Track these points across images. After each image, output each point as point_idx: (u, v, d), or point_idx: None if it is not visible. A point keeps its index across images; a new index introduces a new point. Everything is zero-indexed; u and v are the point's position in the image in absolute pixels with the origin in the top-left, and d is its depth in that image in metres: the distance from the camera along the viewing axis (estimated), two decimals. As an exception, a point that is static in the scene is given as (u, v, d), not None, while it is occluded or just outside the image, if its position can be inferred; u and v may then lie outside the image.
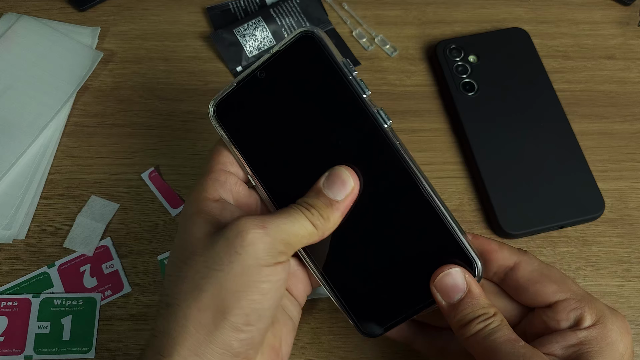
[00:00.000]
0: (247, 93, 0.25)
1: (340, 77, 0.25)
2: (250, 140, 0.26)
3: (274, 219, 0.23)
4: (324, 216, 0.24)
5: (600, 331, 0.23)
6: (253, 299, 0.22)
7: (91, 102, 0.44)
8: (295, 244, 0.24)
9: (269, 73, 0.25)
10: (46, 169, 0.41)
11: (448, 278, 0.24)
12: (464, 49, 0.45)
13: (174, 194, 0.40)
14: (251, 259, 0.22)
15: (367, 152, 0.25)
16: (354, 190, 0.25)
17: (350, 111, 0.25)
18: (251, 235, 0.22)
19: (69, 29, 0.46)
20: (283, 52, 0.25)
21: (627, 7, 0.50)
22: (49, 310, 0.36)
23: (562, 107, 0.43)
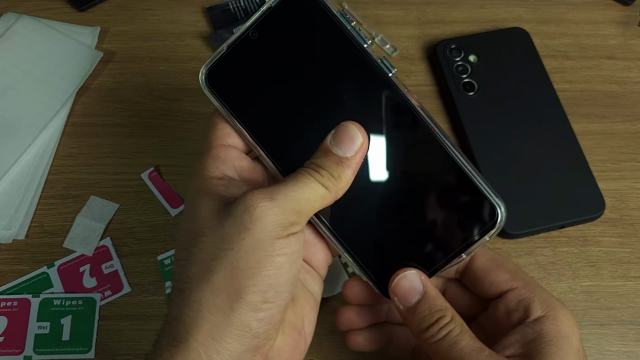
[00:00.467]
0: (240, 56, 0.23)
1: (339, 28, 0.23)
2: (248, 106, 0.24)
3: (282, 188, 0.22)
4: (335, 175, 0.23)
5: (554, 323, 0.23)
6: (268, 274, 0.21)
7: (91, 102, 0.44)
8: (308, 211, 0.23)
9: (262, 32, 0.23)
10: (46, 169, 0.41)
11: (404, 281, 0.24)
12: (464, 49, 0.45)
13: (173, 194, 0.40)
14: (261, 232, 0.21)
15: (374, 104, 0.24)
16: (363, 145, 0.23)
17: (352, 63, 0.23)
18: (259, 208, 0.21)
19: (69, 29, 0.46)
20: (275, 9, 0.23)
21: (627, 7, 0.50)
22: (49, 310, 0.36)
23: (562, 107, 0.43)
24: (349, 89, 0.24)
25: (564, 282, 0.38)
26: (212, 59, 0.24)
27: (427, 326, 0.23)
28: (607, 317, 0.37)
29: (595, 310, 0.37)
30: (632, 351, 0.36)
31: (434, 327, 0.23)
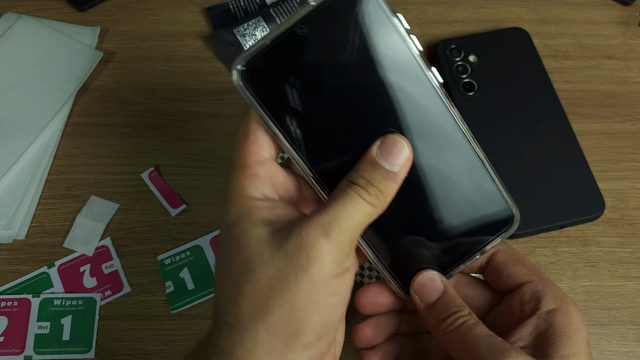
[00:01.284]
0: (283, 53, 0.21)
1: (394, 32, 0.22)
2: (288, 109, 0.22)
3: (334, 219, 0.21)
4: (383, 191, 0.22)
5: (566, 316, 0.24)
6: (323, 314, 0.21)
7: (91, 102, 0.44)
8: (359, 235, 0.23)
9: (311, 28, 0.21)
10: (46, 169, 0.41)
11: (426, 280, 0.25)
12: (464, 49, 0.45)
13: (173, 194, 0.40)
14: (319, 273, 0.20)
15: (420, 114, 0.23)
16: (409, 160, 0.23)
17: (403, 70, 0.22)
18: (317, 248, 0.20)
19: (69, 29, 0.46)
20: (328, 3, 0.21)
21: (628, 7, 0.50)
22: (49, 310, 0.36)
23: (563, 107, 0.43)
24: (396, 96, 0.22)
25: (564, 282, 0.38)
26: (250, 53, 0.21)
27: (445, 317, 0.24)
28: (607, 317, 0.37)
29: (596, 310, 0.37)
30: (633, 351, 0.36)
31: (451, 318, 0.24)
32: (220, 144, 0.43)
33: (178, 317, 0.37)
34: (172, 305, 0.37)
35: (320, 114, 0.22)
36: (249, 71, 0.21)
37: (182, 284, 0.37)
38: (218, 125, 0.44)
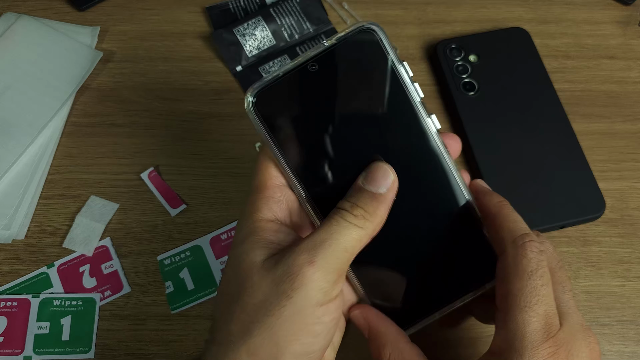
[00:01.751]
0: (293, 85, 0.23)
1: (397, 78, 0.23)
2: (292, 139, 0.24)
3: (320, 246, 0.22)
4: (370, 211, 0.22)
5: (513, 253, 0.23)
6: (304, 342, 0.21)
7: (91, 102, 0.44)
8: (347, 262, 0.22)
9: (322, 65, 0.23)
10: (45, 169, 0.41)
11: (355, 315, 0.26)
12: (465, 49, 0.45)
13: (173, 194, 0.40)
14: (303, 300, 0.21)
15: (416, 158, 0.24)
16: (394, 183, 0.23)
17: (403, 114, 0.24)
18: (300, 276, 0.21)
19: (69, 29, 0.46)
20: (339, 45, 0.23)
21: (628, 7, 0.50)
22: (49, 310, 0.36)
23: (563, 107, 0.43)
24: (394, 139, 0.24)
25: (564, 282, 0.38)
26: (263, 83, 0.23)
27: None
28: (607, 317, 0.37)
29: (596, 311, 0.37)
30: (633, 351, 0.36)
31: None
32: (220, 143, 0.43)
33: (178, 317, 0.37)
34: (172, 305, 0.37)
35: (319, 145, 0.24)
36: (260, 98, 0.23)
37: (182, 284, 0.37)
38: (218, 125, 0.44)
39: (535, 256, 0.23)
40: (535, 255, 0.23)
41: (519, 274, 0.22)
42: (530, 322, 0.21)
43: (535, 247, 0.23)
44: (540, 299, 0.22)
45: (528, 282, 0.22)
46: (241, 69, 0.46)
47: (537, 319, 0.21)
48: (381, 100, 0.23)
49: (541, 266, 0.22)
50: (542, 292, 0.22)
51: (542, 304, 0.22)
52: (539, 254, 0.23)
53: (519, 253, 0.23)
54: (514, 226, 0.24)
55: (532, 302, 0.22)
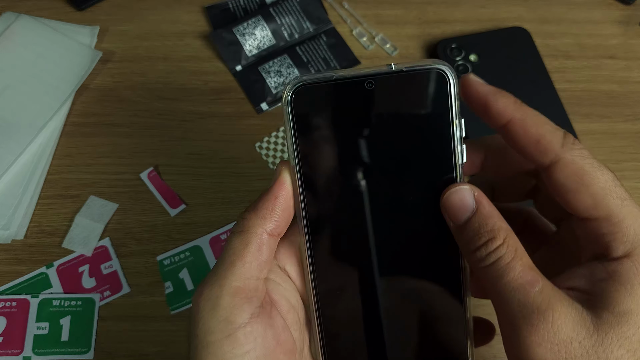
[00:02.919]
0: (340, 94, 0.21)
1: (448, 132, 0.22)
2: (313, 142, 0.22)
3: (215, 267, 0.20)
4: (244, 216, 0.21)
5: (634, 266, 0.19)
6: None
7: (90, 102, 0.44)
8: (242, 275, 0.20)
9: (379, 87, 0.21)
10: (45, 169, 0.41)
11: (455, 196, 0.20)
12: (465, 48, 0.45)
13: (173, 194, 0.40)
14: (204, 336, 0.19)
15: (427, 223, 0.22)
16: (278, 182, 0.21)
17: (438, 172, 0.22)
18: (195, 309, 0.19)
19: (68, 29, 0.46)
20: (405, 75, 0.21)
21: (628, 7, 0.50)
22: (48, 310, 0.36)
23: (564, 107, 0.43)
24: (417, 193, 0.22)
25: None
26: (311, 78, 0.21)
27: (476, 248, 0.20)
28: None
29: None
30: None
31: (482, 250, 0.19)
32: (219, 143, 0.43)
33: (177, 317, 0.37)
34: (172, 305, 0.37)
35: (341, 164, 0.22)
36: (302, 93, 0.21)
37: (181, 284, 0.37)
38: (217, 124, 0.44)
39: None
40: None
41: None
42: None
43: None
44: None
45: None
46: (241, 68, 0.46)
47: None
48: (422, 148, 0.22)
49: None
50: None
51: None
52: None
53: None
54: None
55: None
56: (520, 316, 0.18)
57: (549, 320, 0.18)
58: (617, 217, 0.19)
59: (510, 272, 0.19)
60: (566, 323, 0.18)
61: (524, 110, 0.22)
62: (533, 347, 0.18)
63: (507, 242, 0.19)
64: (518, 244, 0.19)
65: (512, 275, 0.19)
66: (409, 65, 0.21)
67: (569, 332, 0.18)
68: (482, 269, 0.19)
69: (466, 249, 0.20)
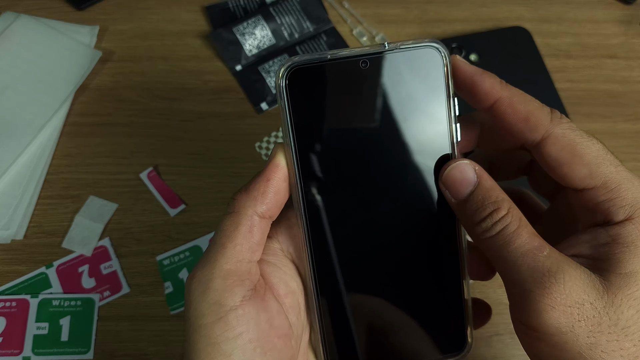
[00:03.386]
0: (335, 74, 0.21)
1: (443, 112, 0.22)
2: (311, 125, 0.21)
3: (206, 251, 0.20)
4: (236, 197, 0.20)
5: (635, 228, 0.19)
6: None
7: (90, 102, 0.44)
8: (232, 257, 0.20)
9: (373, 66, 0.21)
10: (44, 169, 0.41)
11: (456, 171, 0.20)
12: (465, 48, 0.45)
13: (172, 194, 0.40)
14: (196, 320, 0.19)
15: (423, 205, 0.22)
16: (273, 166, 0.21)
17: (431, 150, 0.22)
18: (186, 290, 0.19)
19: (68, 28, 0.46)
20: (399, 53, 0.21)
21: (629, 6, 0.50)
22: (48, 310, 0.36)
23: (564, 107, 0.43)
24: (414, 166, 0.22)
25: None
26: (304, 60, 0.21)
27: (480, 220, 0.19)
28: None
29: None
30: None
31: (487, 221, 0.19)
32: (219, 143, 0.43)
33: (177, 317, 0.36)
34: (171, 305, 0.37)
35: (337, 146, 0.22)
36: (296, 75, 0.21)
37: (181, 284, 0.37)
38: (217, 124, 0.43)
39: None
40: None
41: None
42: None
43: None
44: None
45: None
46: (241, 68, 0.46)
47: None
48: (418, 126, 0.22)
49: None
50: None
51: None
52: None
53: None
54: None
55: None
56: (531, 280, 0.18)
57: (561, 282, 0.18)
58: (614, 183, 0.20)
59: (517, 239, 0.19)
60: (577, 284, 0.18)
61: (510, 89, 0.22)
62: (547, 310, 0.18)
63: (511, 211, 0.19)
64: (521, 214, 0.19)
65: (520, 241, 0.19)
66: (402, 43, 0.21)
67: (580, 294, 0.17)
68: (488, 239, 0.19)
69: (470, 222, 0.20)
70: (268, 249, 0.22)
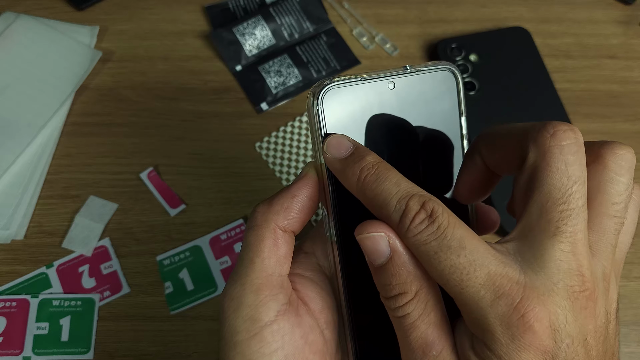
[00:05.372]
0: (365, 95, 0.23)
1: (457, 129, 0.24)
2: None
3: (236, 267, 0.20)
4: (257, 210, 0.20)
5: (545, 165, 0.18)
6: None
7: (90, 102, 0.44)
8: (266, 269, 0.20)
9: (399, 87, 0.23)
10: (44, 169, 0.41)
11: (368, 242, 0.19)
12: (465, 48, 0.45)
13: (172, 194, 0.40)
14: (229, 337, 0.19)
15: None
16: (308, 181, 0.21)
17: (447, 167, 0.24)
18: (222, 309, 0.19)
19: (68, 28, 0.46)
20: (419, 75, 0.23)
21: (629, 7, 0.50)
22: (48, 310, 0.36)
23: (564, 107, 0.43)
24: (432, 179, 0.24)
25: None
26: (337, 81, 0.22)
27: (387, 297, 0.19)
28: (608, 318, 0.37)
29: (597, 311, 0.37)
30: (635, 352, 0.36)
31: (392, 302, 0.19)
32: (219, 143, 0.43)
33: (177, 317, 0.36)
34: (171, 305, 0.37)
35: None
36: (331, 94, 0.22)
37: (181, 284, 0.37)
38: (217, 124, 0.43)
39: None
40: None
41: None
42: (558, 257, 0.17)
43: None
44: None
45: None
46: (241, 68, 0.46)
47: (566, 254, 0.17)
48: (437, 143, 0.24)
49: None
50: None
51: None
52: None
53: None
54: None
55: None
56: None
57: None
58: (527, 129, 0.19)
59: (414, 332, 0.18)
60: None
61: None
62: None
63: (418, 296, 0.18)
64: (431, 295, 0.18)
65: (415, 334, 0.18)
66: (420, 66, 0.23)
67: None
68: (394, 317, 0.19)
69: (381, 293, 0.19)
70: (306, 264, 0.22)
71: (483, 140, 0.22)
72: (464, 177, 0.23)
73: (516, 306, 0.16)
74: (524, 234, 0.18)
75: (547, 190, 0.17)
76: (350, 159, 0.20)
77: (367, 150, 0.21)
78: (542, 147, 0.18)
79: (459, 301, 0.17)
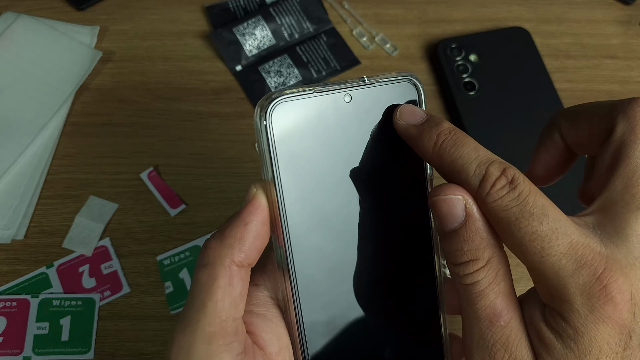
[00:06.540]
0: (318, 108, 0.21)
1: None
2: (294, 157, 0.21)
3: (184, 309, 0.19)
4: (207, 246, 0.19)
5: (631, 139, 0.18)
6: None
7: (90, 102, 0.44)
8: (233, 312, 0.19)
9: (356, 100, 0.22)
10: (45, 169, 0.41)
11: (444, 204, 0.18)
12: (465, 48, 0.45)
13: (173, 194, 0.40)
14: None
15: (406, 226, 0.23)
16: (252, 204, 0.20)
17: (410, 178, 0.22)
18: (167, 357, 0.19)
19: (68, 28, 0.46)
20: (377, 87, 0.22)
21: (629, 7, 0.50)
22: (48, 310, 0.36)
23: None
24: (392, 194, 0.22)
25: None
26: (287, 95, 0.20)
27: (457, 263, 0.18)
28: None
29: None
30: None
31: (462, 269, 0.18)
32: (219, 143, 0.43)
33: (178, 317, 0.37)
34: (172, 305, 0.37)
35: (325, 180, 0.21)
36: (280, 110, 0.21)
37: (181, 284, 0.37)
38: (217, 124, 0.44)
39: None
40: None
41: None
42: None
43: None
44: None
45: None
46: (241, 68, 0.46)
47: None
48: (399, 155, 0.22)
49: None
50: None
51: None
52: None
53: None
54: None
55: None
56: (477, 349, 0.17)
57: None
58: (620, 105, 0.19)
59: (481, 300, 0.18)
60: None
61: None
62: None
63: (489, 265, 0.18)
64: (502, 264, 0.18)
65: (483, 303, 0.18)
66: (378, 77, 0.22)
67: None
68: (460, 285, 0.18)
69: (449, 259, 0.19)
70: (256, 299, 0.21)
71: (564, 116, 0.21)
72: (542, 156, 0.22)
73: (599, 277, 0.16)
74: (606, 207, 0.17)
75: (635, 163, 0.17)
76: (427, 124, 0.20)
77: (442, 118, 0.21)
78: (632, 120, 0.18)
79: (537, 270, 0.17)
